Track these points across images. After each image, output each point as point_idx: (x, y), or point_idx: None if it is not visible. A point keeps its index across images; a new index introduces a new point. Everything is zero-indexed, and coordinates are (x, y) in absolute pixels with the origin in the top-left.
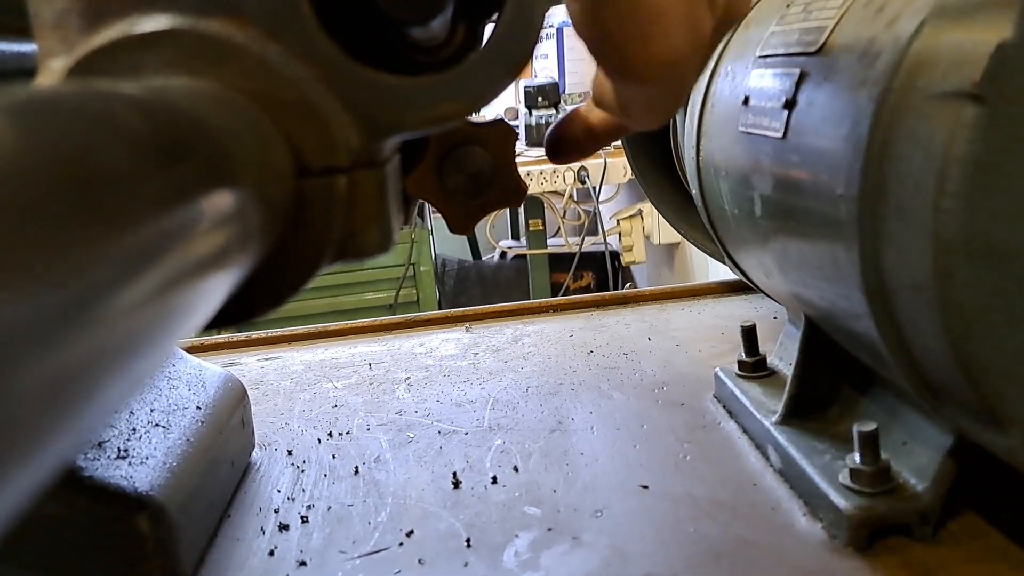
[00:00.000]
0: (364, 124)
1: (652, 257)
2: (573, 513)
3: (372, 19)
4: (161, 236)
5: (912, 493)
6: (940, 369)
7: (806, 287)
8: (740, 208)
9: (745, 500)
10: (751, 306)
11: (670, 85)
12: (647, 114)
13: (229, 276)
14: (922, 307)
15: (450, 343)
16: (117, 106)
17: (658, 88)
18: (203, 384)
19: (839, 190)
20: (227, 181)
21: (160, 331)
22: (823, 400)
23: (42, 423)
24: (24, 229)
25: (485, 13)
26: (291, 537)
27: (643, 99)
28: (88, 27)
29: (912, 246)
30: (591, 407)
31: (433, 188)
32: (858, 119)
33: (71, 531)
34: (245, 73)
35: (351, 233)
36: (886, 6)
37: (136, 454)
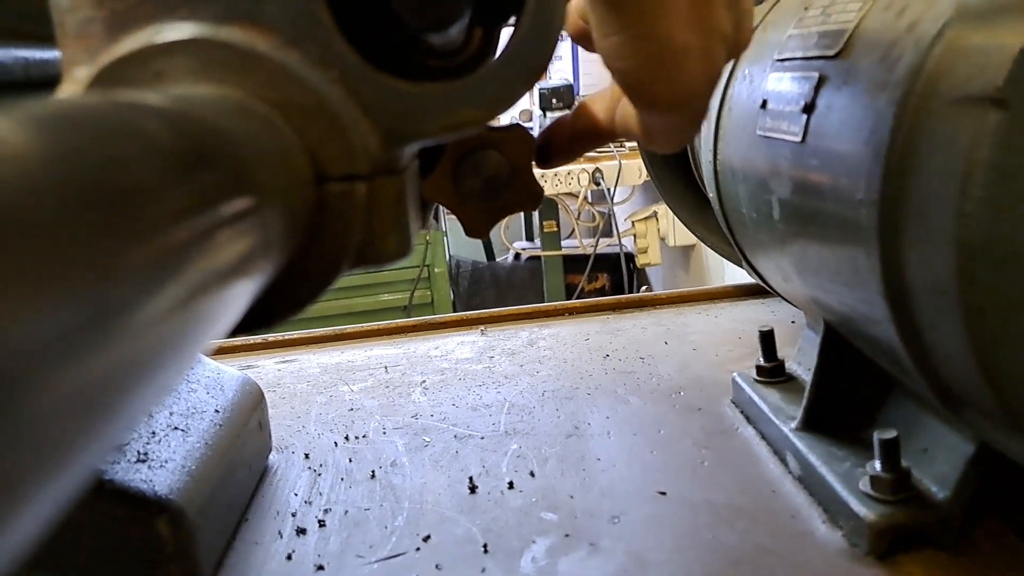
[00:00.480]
0: (383, 131)
1: (667, 259)
2: (590, 519)
3: (389, 25)
4: (186, 247)
5: (933, 501)
6: (962, 376)
7: (825, 292)
8: (758, 212)
9: (764, 507)
10: (768, 310)
11: (689, 114)
12: (668, 140)
13: (251, 284)
14: (944, 313)
15: (465, 346)
16: (141, 117)
17: (679, 117)
18: (221, 387)
19: (859, 194)
20: (249, 190)
21: (185, 341)
22: (843, 406)
23: (71, 435)
24: (51, 242)
25: (501, 18)
26: (308, 541)
27: (665, 127)
28: (111, 36)
29: (934, 251)
30: (608, 412)
31: (449, 192)
32: (879, 123)
33: (91, 534)
34: (266, 81)
35: (370, 239)
36: (907, 9)
37: (156, 457)
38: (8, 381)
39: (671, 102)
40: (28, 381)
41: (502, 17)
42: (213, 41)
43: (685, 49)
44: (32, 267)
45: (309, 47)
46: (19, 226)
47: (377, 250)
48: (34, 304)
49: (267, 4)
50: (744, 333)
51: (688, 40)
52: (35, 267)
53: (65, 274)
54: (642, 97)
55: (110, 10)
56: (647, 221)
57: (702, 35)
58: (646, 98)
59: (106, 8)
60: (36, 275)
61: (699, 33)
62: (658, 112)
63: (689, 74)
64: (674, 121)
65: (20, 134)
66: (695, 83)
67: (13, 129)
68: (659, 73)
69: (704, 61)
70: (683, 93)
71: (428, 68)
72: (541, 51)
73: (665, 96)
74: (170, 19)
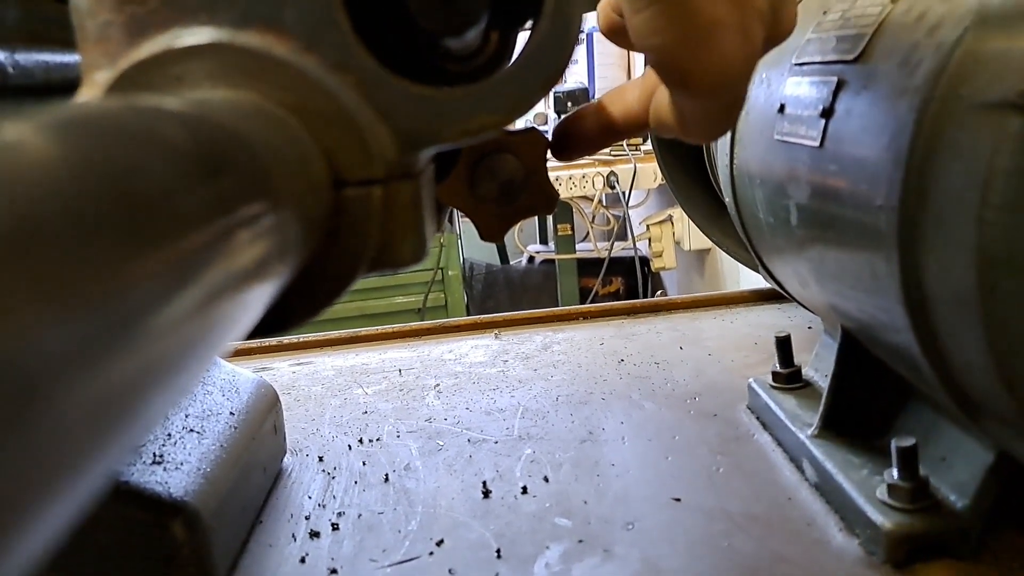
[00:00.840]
0: (400, 136)
1: (682, 263)
2: (604, 525)
3: (406, 29)
4: (204, 251)
5: (952, 510)
6: (982, 384)
7: (843, 298)
8: (775, 217)
9: (780, 515)
10: (785, 315)
11: (725, 97)
12: (705, 127)
13: (269, 288)
14: (964, 321)
15: (479, 350)
16: (160, 122)
17: (715, 101)
18: (236, 390)
19: (879, 200)
20: (267, 194)
21: (203, 345)
22: (860, 413)
23: (92, 440)
24: (72, 248)
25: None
26: (322, 544)
27: (700, 112)
28: (131, 40)
29: (954, 259)
30: (622, 417)
31: (464, 196)
32: (899, 128)
33: (106, 535)
34: (284, 85)
35: (386, 244)
36: (927, 13)
37: (171, 459)
38: (30, 386)
39: (705, 81)
40: (50, 386)
41: (519, 21)
42: (232, 46)
43: (718, 22)
44: (54, 273)
45: (327, 52)
46: (40, 232)
47: (393, 254)
48: (56, 310)
49: (286, 9)
50: (760, 338)
51: (721, 14)
52: (57, 273)
53: (86, 280)
54: (675, 76)
55: (130, 15)
56: (662, 225)
57: (736, 9)
58: (679, 77)
59: (126, 13)
60: (58, 281)
61: (733, 7)
62: (692, 93)
63: (723, 50)
64: (710, 105)
65: (41, 140)
66: (730, 61)
67: (34, 135)
68: (692, 49)
69: (739, 37)
70: (717, 72)
71: (445, 72)
72: (558, 56)
73: (699, 74)
74: (189, 24)
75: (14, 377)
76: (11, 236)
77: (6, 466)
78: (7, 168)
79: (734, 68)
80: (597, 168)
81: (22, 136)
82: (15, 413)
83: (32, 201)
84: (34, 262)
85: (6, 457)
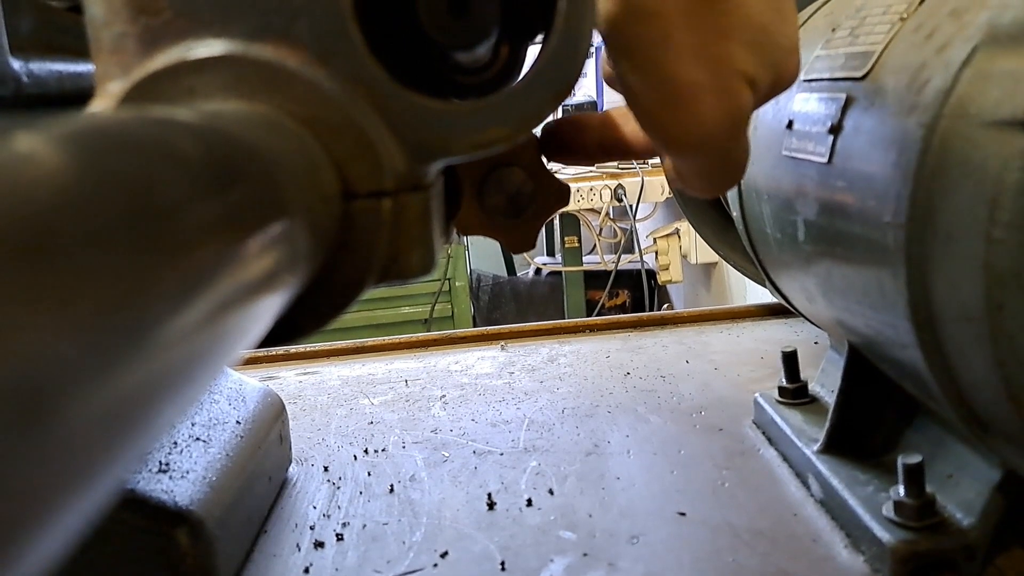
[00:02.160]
0: (410, 148)
1: (689, 277)
2: (609, 539)
3: (417, 42)
4: (215, 263)
5: (958, 528)
6: (990, 402)
7: (850, 314)
8: (783, 232)
9: (785, 530)
10: (791, 330)
11: (711, 156)
12: (698, 184)
13: (278, 299)
14: (972, 339)
15: (486, 361)
16: (173, 134)
17: (700, 159)
18: (243, 398)
19: (886, 217)
20: (278, 206)
21: (213, 356)
22: (866, 429)
23: (101, 449)
24: (84, 259)
25: (528, 35)
26: (326, 555)
27: (692, 169)
28: (145, 52)
29: (962, 276)
30: (628, 430)
31: (482, 221)
32: (907, 146)
33: (110, 543)
34: (296, 97)
35: (395, 256)
36: (936, 32)
37: (177, 468)
38: (41, 396)
39: (684, 142)
40: (61, 396)
41: (529, 34)
42: (244, 58)
43: (693, 87)
44: (65, 284)
45: (339, 64)
46: (53, 243)
47: (401, 266)
48: (68, 320)
49: (299, 21)
50: (766, 353)
51: (697, 77)
52: (69, 284)
53: (98, 291)
54: (656, 136)
55: (144, 26)
56: (669, 238)
57: (713, 74)
58: (659, 137)
59: (140, 24)
60: (70, 292)
61: (711, 71)
62: (676, 153)
63: (699, 112)
64: (698, 164)
65: (54, 151)
66: (709, 123)
67: (47, 146)
68: (669, 111)
69: (716, 99)
70: (697, 134)
71: (455, 83)
72: (569, 70)
73: (678, 136)
74: (203, 36)
75: (26, 387)
76: (24, 247)
77: (17, 476)
78: (20, 180)
79: (714, 129)
80: (605, 181)
81: (35, 148)
82: (26, 423)
83: (44, 212)
84: (46, 273)
85: (17, 467)
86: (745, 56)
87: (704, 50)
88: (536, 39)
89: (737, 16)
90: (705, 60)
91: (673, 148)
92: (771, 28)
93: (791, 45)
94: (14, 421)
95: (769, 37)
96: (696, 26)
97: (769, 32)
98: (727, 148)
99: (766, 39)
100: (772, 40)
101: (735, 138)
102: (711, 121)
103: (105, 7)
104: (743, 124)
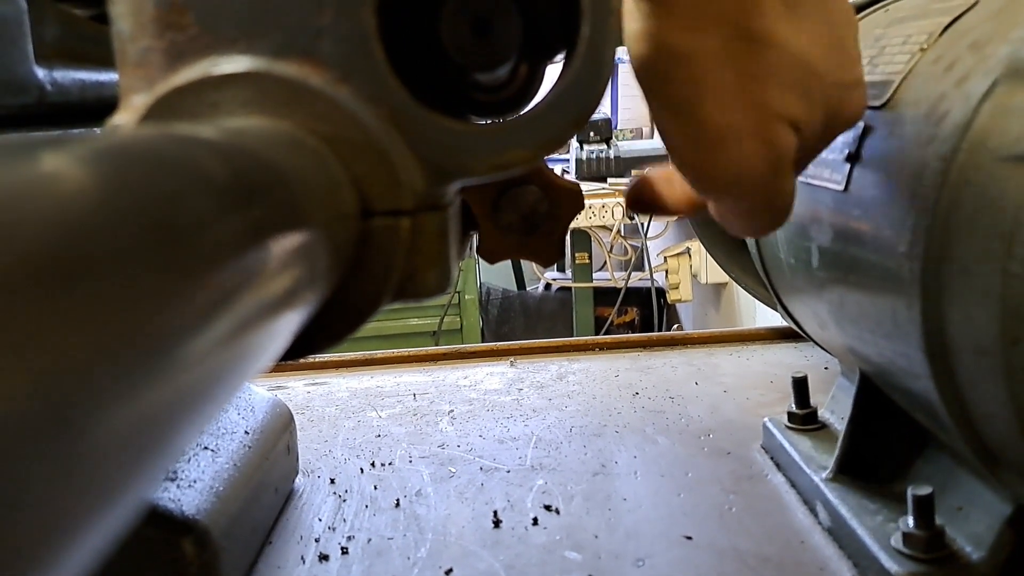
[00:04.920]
0: (429, 168)
1: (699, 296)
2: (615, 561)
3: (438, 61)
4: (236, 280)
5: (967, 561)
6: (1002, 436)
7: (863, 342)
8: (796, 258)
9: (792, 558)
10: (802, 355)
11: (749, 198)
12: (740, 224)
13: (297, 316)
14: (986, 372)
15: (494, 377)
16: (196, 152)
17: (738, 202)
18: (252, 409)
19: (902, 247)
20: (298, 223)
21: (233, 372)
22: (876, 458)
23: (124, 467)
24: (108, 277)
25: (548, 55)
26: (331, 568)
27: (731, 211)
28: (170, 66)
29: (977, 309)
30: (635, 451)
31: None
32: (924, 177)
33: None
34: (317, 115)
35: (411, 274)
36: (956, 64)
37: (184, 477)
38: (66, 413)
39: (718, 185)
40: (86, 413)
41: (548, 54)
42: (268, 75)
43: (730, 130)
44: (91, 302)
45: (361, 83)
46: (78, 261)
47: (417, 285)
48: (93, 338)
49: (323, 40)
50: (776, 377)
51: (734, 121)
52: (94, 302)
53: (123, 309)
54: (691, 180)
55: (170, 41)
56: (680, 257)
57: (750, 117)
58: (693, 179)
59: (167, 39)
60: (95, 310)
61: (750, 114)
62: (711, 196)
63: (735, 156)
64: (737, 205)
65: (78, 170)
66: (743, 165)
67: (71, 165)
68: (703, 153)
69: (755, 143)
70: (731, 177)
71: (472, 101)
72: (590, 94)
73: (711, 178)
74: (227, 52)
75: (52, 403)
76: (49, 266)
77: (44, 491)
78: (46, 198)
79: (751, 172)
80: (617, 198)
81: (59, 167)
82: (53, 439)
83: (70, 231)
84: (72, 291)
85: (43, 482)
86: (787, 98)
87: (741, 93)
88: (555, 59)
89: (778, 57)
90: (741, 104)
91: (708, 190)
92: (821, 66)
93: (851, 80)
94: (41, 437)
95: (818, 77)
96: (732, 68)
97: (818, 71)
98: (766, 192)
99: (814, 79)
100: (823, 79)
101: (775, 182)
102: (747, 165)
103: (132, 22)
104: (784, 167)
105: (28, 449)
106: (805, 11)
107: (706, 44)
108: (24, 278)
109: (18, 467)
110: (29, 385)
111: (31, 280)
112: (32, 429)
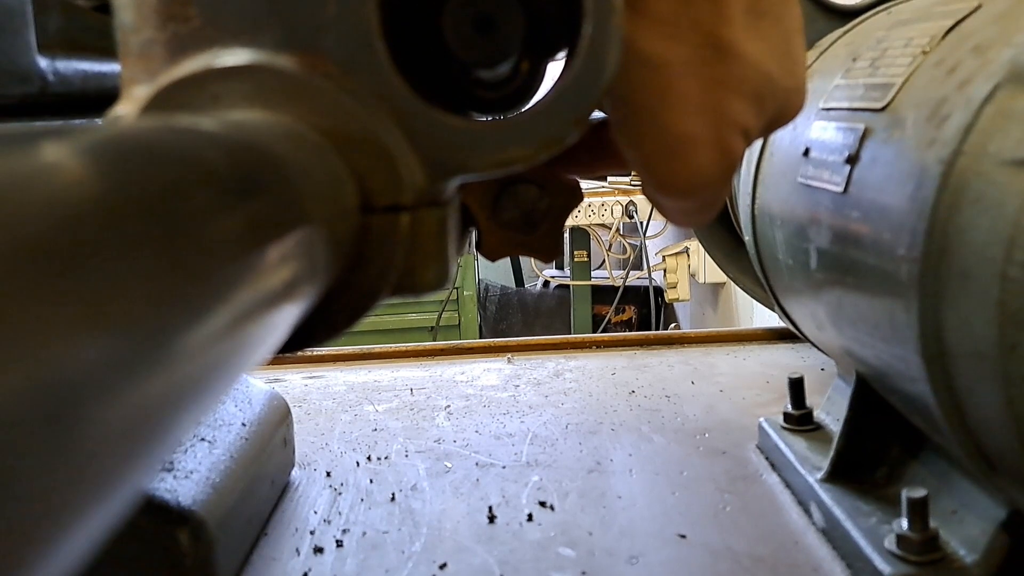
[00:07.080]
0: (430, 164)
1: (696, 296)
2: (608, 558)
3: (439, 57)
4: (237, 273)
5: (961, 565)
6: (998, 441)
7: (860, 344)
8: (795, 259)
9: (785, 558)
10: (798, 356)
11: (699, 202)
12: (681, 219)
13: (296, 309)
14: (983, 377)
15: (491, 373)
16: (197, 144)
17: (690, 203)
18: (249, 401)
19: (901, 250)
20: (298, 217)
21: (232, 364)
22: (871, 460)
23: (121, 459)
24: (107, 269)
25: (550, 51)
26: (325, 561)
27: (676, 208)
28: (171, 58)
29: (976, 314)
30: (631, 449)
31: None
32: (924, 180)
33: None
34: (319, 110)
35: (410, 270)
36: (958, 67)
37: (181, 468)
38: (65, 402)
39: (677, 190)
40: (85, 402)
41: (550, 51)
42: (270, 68)
43: (690, 140)
44: (90, 292)
45: (363, 78)
46: (77, 252)
47: (416, 280)
48: (92, 329)
49: (326, 34)
50: (772, 377)
51: (695, 131)
52: (93, 292)
53: (122, 299)
54: (647, 181)
55: (173, 33)
56: (678, 256)
57: (713, 126)
58: (653, 184)
59: (169, 31)
60: (94, 300)
61: (710, 124)
62: (663, 196)
63: (696, 165)
64: (685, 205)
65: (78, 162)
66: (703, 174)
67: (71, 157)
68: (664, 161)
69: (712, 151)
70: (690, 183)
71: (473, 96)
72: (591, 93)
73: (670, 184)
74: (230, 44)
75: (51, 392)
76: (49, 257)
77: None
78: (46, 189)
79: (707, 179)
80: (616, 197)
81: (61, 158)
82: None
83: (70, 222)
84: (71, 282)
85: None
86: (745, 108)
87: (705, 103)
88: (557, 56)
89: (742, 68)
90: (704, 113)
91: (664, 194)
92: (776, 74)
93: (796, 85)
94: (39, 425)
95: (773, 84)
96: (699, 78)
97: (773, 80)
98: (714, 195)
99: (769, 88)
100: (776, 86)
101: (723, 185)
102: (704, 172)
103: (135, 13)
104: (733, 172)
105: (24, 438)
106: (767, 20)
107: (678, 52)
108: (22, 268)
109: (13, 456)
110: (25, 374)
111: (29, 270)
112: (28, 418)
